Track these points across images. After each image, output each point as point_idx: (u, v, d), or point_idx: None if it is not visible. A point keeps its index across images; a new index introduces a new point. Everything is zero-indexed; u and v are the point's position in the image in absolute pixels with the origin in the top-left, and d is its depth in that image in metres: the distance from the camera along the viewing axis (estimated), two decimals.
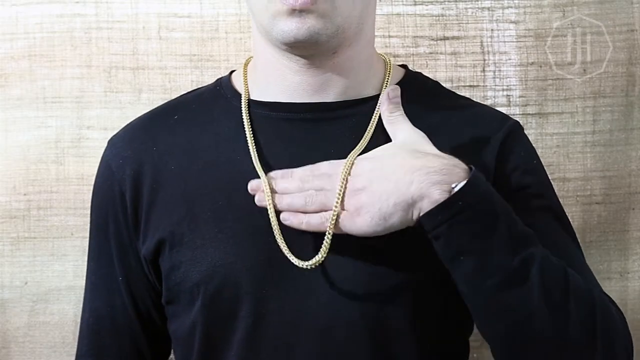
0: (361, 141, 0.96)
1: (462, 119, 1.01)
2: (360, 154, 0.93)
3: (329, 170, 0.92)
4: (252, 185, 0.93)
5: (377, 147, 0.93)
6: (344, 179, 0.90)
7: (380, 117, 0.97)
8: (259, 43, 0.99)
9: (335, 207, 0.89)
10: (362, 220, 0.89)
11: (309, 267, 0.90)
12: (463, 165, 0.90)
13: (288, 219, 0.91)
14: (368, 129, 0.97)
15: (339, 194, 0.90)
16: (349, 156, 0.92)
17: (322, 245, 0.90)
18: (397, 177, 0.88)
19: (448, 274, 0.92)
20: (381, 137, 0.96)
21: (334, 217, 0.89)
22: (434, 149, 0.91)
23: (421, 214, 0.88)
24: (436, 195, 0.86)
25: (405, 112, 0.96)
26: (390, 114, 0.95)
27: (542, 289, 0.87)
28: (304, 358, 0.94)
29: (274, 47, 0.97)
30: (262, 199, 0.92)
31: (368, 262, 0.93)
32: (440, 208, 0.86)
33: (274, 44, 0.95)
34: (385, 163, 0.90)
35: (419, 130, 0.94)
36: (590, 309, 0.89)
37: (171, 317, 1.02)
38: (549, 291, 0.87)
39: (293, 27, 0.91)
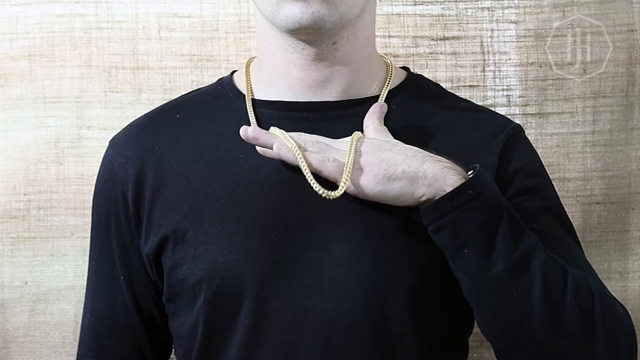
0: None
1: (463, 122, 1.02)
2: None
3: (338, 141, 0.94)
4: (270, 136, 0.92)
5: None
6: (352, 145, 0.92)
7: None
8: (263, 40, 1.00)
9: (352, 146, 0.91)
10: (365, 177, 0.90)
11: (332, 198, 0.89)
12: (459, 168, 0.91)
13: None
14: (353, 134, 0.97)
15: (350, 150, 0.91)
16: (353, 134, 0.94)
17: (342, 180, 0.89)
18: (407, 154, 0.90)
19: (449, 273, 0.92)
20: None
21: (349, 168, 0.90)
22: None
23: (423, 198, 0.89)
24: (450, 179, 0.89)
25: (406, 114, 0.99)
26: (379, 124, 0.97)
27: (543, 282, 0.88)
28: (305, 355, 0.94)
29: (278, 41, 0.97)
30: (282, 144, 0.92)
31: (370, 261, 0.94)
32: (451, 196, 0.88)
33: (279, 31, 0.96)
34: (393, 143, 0.93)
35: None
36: (589, 306, 0.90)
37: (172, 315, 1.02)
38: (550, 285, 0.88)
39: (297, 12, 0.91)
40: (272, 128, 0.94)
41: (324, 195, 0.89)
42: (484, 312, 0.92)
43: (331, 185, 0.91)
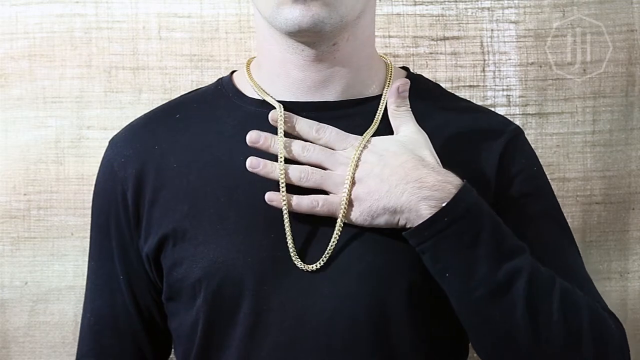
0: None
1: (463, 122, 1.02)
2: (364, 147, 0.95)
3: (340, 156, 0.95)
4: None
5: None
6: (351, 167, 0.93)
7: (381, 117, 0.98)
8: (263, 40, 1.00)
9: (345, 196, 0.92)
10: (353, 213, 0.93)
11: (313, 269, 0.93)
12: (457, 181, 0.92)
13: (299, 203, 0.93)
14: (369, 128, 0.97)
15: (348, 184, 0.92)
16: (354, 152, 0.94)
17: (333, 234, 0.92)
18: (391, 183, 0.91)
19: None
20: (383, 137, 0.97)
21: (346, 203, 0.92)
22: (431, 157, 0.94)
23: (406, 225, 0.91)
24: (423, 211, 0.90)
25: None
26: (397, 107, 0.97)
27: (526, 302, 0.89)
28: (305, 354, 0.94)
29: (278, 42, 0.97)
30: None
31: (370, 261, 0.94)
32: (427, 224, 0.90)
33: (279, 32, 0.96)
34: (387, 162, 0.93)
35: (422, 131, 0.96)
36: (577, 321, 0.91)
37: (172, 314, 1.02)
38: (534, 304, 0.90)
39: (297, 15, 0.91)
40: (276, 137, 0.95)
41: (304, 269, 0.93)
42: (470, 329, 0.94)
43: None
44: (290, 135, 0.96)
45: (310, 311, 0.94)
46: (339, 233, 0.93)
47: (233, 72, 1.08)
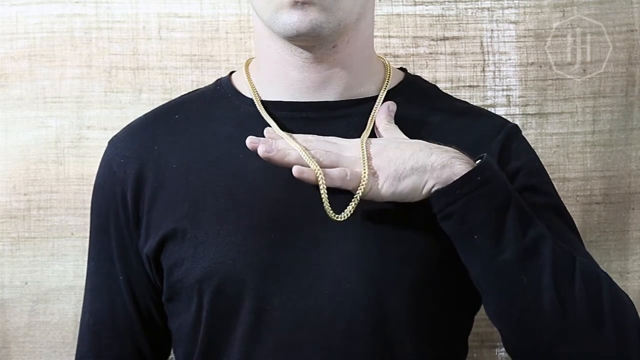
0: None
1: (460, 122, 1.02)
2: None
3: (346, 143, 0.94)
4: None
5: None
6: (363, 147, 0.92)
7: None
8: (262, 41, 1.00)
9: (365, 168, 0.91)
10: (377, 181, 0.91)
11: (342, 219, 0.91)
12: (467, 157, 0.92)
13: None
14: (367, 128, 0.97)
15: (364, 157, 0.91)
16: (360, 141, 0.94)
17: (351, 201, 0.90)
18: (414, 149, 0.91)
19: (450, 272, 0.93)
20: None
21: (365, 178, 0.90)
22: None
23: (434, 188, 0.90)
24: (457, 167, 0.90)
25: (404, 114, 0.99)
26: (388, 123, 0.98)
27: (552, 268, 0.89)
28: (306, 353, 0.94)
29: (276, 43, 0.98)
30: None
31: (370, 260, 0.94)
32: (460, 182, 0.89)
33: (277, 38, 0.96)
34: (399, 141, 0.93)
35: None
36: (597, 291, 0.90)
37: (172, 315, 1.02)
38: (559, 270, 0.89)
39: (295, 20, 0.92)
40: (280, 138, 0.94)
41: (336, 218, 0.91)
42: (494, 298, 0.92)
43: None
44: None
45: (310, 311, 0.94)
46: (357, 200, 0.90)
47: (232, 72, 1.08)
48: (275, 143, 0.92)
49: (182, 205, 0.97)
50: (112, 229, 1.02)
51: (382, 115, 0.98)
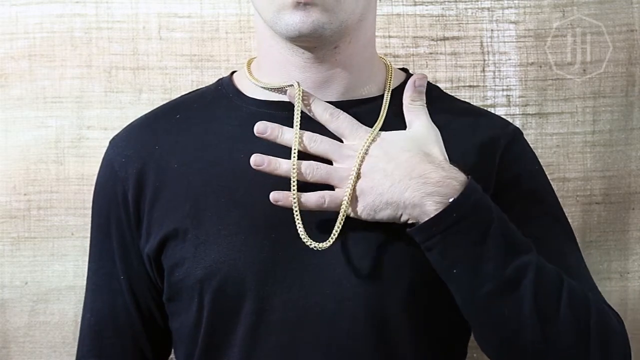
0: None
1: (462, 124, 1.02)
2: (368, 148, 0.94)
3: (348, 144, 0.94)
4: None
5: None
6: (359, 158, 0.92)
7: (383, 118, 0.98)
8: (264, 41, 1.00)
9: (349, 191, 0.92)
10: (357, 207, 0.92)
11: (321, 248, 0.91)
12: (461, 177, 0.91)
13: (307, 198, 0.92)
14: (377, 123, 0.97)
15: (352, 178, 0.92)
16: (362, 145, 0.93)
17: (335, 226, 0.92)
18: (395, 178, 0.91)
19: None
20: (394, 131, 0.97)
21: (349, 198, 0.92)
22: (439, 154, 0.93)
23: (409, 221, 0.91)
24: (428, 207, 0.90)
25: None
26: (412, 101, 0.98)
27: (534, 299, 0.89)
28: (306, 353, 0.94)
29: (278, 44, 0.97)
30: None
31: (371, 260, 0.94)
32: (435, 220, 0.89)
33: (279, 38, 0.96)
34: (393, 157, 0.92)
35: (434, 126, 0.96)
36: (585, 318, 0.91)
37: (173, 314, 1.02)
38: (542, 300, 0.89)
39: (297, 21, 0.91)
40: (289, 129, 0.94)
41: (312, 247, 0.91)
42: (477, 328, 0.94)
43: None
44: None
45: (311, 311, 0.94)
46: (340, 226, 0.92)
47: (233, 72, 1.08)
48: (281, 134, 0.94)
49: (183, 205, 0.97)
50: (113, 228, 1.02)
51: (407, 92, 0.98)
